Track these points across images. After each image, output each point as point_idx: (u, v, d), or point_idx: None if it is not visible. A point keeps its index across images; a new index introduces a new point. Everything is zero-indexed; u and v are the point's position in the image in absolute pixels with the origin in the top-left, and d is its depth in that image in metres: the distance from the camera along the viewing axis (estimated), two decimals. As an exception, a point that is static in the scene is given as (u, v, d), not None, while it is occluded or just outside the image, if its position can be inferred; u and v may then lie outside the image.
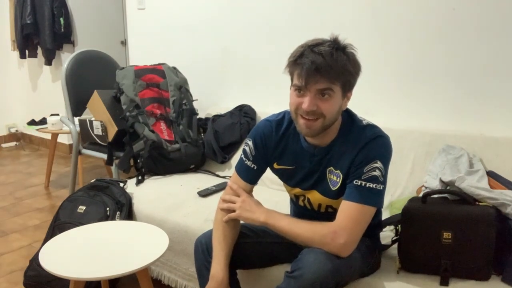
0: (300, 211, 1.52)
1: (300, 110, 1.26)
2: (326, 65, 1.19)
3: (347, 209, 1.27)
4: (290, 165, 1.43)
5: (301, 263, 1.22)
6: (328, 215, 1.41)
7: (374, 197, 1.28)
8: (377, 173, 1.27)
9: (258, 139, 1.44)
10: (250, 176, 1.47)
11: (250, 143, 1.46)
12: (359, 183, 1.27)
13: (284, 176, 1.48)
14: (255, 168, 1.46)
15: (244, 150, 1.48)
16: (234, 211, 1.42)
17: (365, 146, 1.29)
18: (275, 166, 1.47)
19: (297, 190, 1.46)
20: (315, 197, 1.43)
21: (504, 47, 1.89)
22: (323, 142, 1.35)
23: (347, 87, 1.27)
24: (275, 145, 1.43)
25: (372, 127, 1.33)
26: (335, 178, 1.36)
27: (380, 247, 1.52)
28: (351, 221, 1.25)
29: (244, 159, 1.47)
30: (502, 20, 1.88)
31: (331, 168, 1.36)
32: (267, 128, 1.44)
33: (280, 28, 2.53)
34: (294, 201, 1.53)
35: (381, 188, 1.28)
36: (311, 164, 1.39)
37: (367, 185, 1.27)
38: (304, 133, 1.32)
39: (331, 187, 1.37)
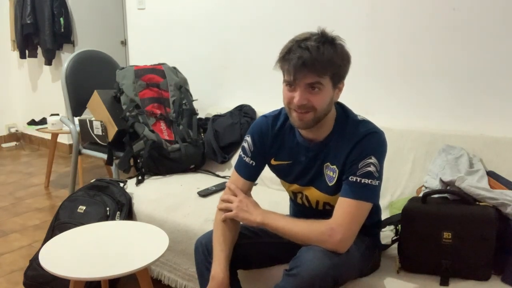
0: (299, 209, 1.53)
1: (292, 104, 1.28)
2: (313, 59, 1.22)
3: (343, 205, 1.28)
4: (286, 160, 1.45)
5: (299, 261, 1.23)
6: (326, 212, 1.41)
7: (369, 193, 1.29)
8: (371, 168, 1.28)
9: (256, 135, 1.46)
10: (249, 173, 1.48)
11: (248, 139, 1.48)
12: (354, 179, 1.29)
13: (282, 173, 1.49)
14: (254, 164, 1.47)
15: (242, 147, 1.49)
16: (231, 210, 1.42)
17: (360, 142, 1.30)
18: (273, 162, 1.48)
19: (295, 187, 1.47)
20: (313, 194, 1.43)
21: (505, 47, 1.89)
22: (318, 136, 1.37)
23: (337, 79, 1.29)
24: (272, 141, 1.45)
25: (366, 123, 1.35)
26: (331, 173, 1.37)
27: (380, 247, 1.53)
28: (347, 217, 1.26)
29: (242, 156, 1.48)
30: (503, 20, 1.88)
31: (328, 163, 1.37)
32: (264, 124, 1.46)
33: (281, 27, 2.53)
34: (293, 199, 1.54)
35: (377, 183, 1.29)
36: (307, 159, 1.40)
37: (362, 181, 1.28)
38: (297, 126, 1.34)
39: (328, 182, 1.38)
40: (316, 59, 1.22)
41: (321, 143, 1.37)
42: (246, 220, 1.39)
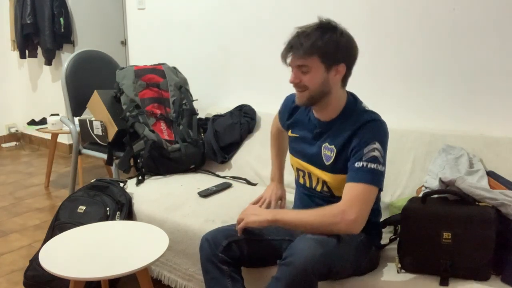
0: (300, 190, 1.59)
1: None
2: (298, 44, 1.34)
3: (351, 190, 1.33)
4: (297, 133, 1.57)
5: (292, 250, 1.25)
6: (323, 196, 1.49)
7: (375, 177, 1.34)
8: (376, 153, 1.33)
9: (283, 105, 1.67)
10: (279, 120, 1.71)
11: (282, 104, 1.68)
12: (360, 165, 1.34)
13: (291, 145, 1.61)
14: (279, 120, 1.71)
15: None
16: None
17: (362, 127, 1.37)
18: (289, 133, 1.62)
19: (298, 162, 1.55)
20: (313, 171, 1.50)
21: (504, 47, 1.89)
22: (325, 117, 1.47)
23: (328, 61, 1.36)
24: (290, 114, 1.61)
25: (371, 113, 1.42)
26: (329, 153, 1.44)
27: (376, 245, 1.53)
28: (357, 200, 1.31)
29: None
30: (502, 20, 1.88)
31: (326, 144, 1.45)
32: (289, 98, 1.64)
33: (280, 27, 2.53)
34: (296, 177, 1.61)
35: (382, 169, 1.35)
36: (312, 135, 1.50)
37: (369, 165, 1.33)
38: (296, 103, 1.47)
39: (325, 161, 1.45)
40: (301, 43, 1.33)
41: (327, 123, 1.46)
42: (256, 223, 1.42)
